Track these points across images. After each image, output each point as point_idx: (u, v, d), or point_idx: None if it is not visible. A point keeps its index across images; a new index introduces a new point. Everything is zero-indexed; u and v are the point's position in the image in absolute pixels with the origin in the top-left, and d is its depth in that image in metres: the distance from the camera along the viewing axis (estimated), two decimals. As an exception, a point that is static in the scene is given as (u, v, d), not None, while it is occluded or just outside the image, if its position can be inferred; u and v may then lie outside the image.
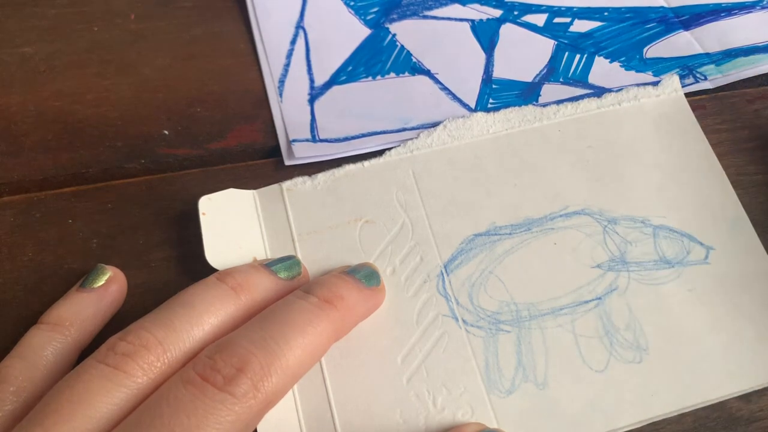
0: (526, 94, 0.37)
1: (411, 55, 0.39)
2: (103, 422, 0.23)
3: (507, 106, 0.36)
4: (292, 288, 0.28)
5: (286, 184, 0.33)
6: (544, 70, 0.38)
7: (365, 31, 0.40)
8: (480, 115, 0.35)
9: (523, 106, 0.36)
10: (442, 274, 0.31)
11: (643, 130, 0.35)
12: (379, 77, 0.38)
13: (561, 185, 0.33)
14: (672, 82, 0.36)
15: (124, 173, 0.35)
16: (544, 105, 0.36)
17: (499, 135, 0.35)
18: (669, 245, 0.32)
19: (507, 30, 0.39)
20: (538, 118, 0.35)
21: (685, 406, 0.28)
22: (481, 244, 0.32)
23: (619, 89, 0.36)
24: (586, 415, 0.28)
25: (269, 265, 0.29)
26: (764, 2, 0.40)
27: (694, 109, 0.36)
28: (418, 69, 0.38)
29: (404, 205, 0.33)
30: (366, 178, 0.34)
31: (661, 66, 0.37)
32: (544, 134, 0.35)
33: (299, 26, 0.40)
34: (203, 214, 0.31)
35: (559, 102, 0.36)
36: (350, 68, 0.38)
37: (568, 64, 0.38)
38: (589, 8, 0.40)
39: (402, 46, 0.39)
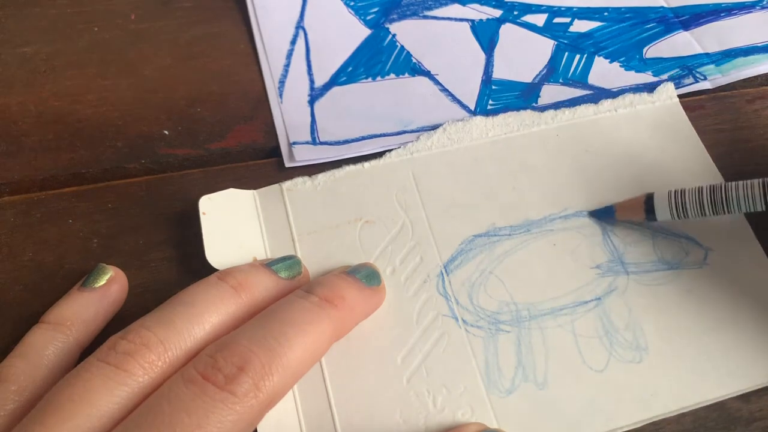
0: (525, 94, 0.37)
1: (411, 55, 0.39)
2: (104, 421, 0.23)
3: (507, 107, 0.36)
4: (293, 287, 0.28)
5: (286, 185, 0.33)
6: (544, 71, 0.38)
7: (365, 32, 0.40)
8: (479, 118, 0.35)
9: (521, 111, 0.36)
10: (442, 274, 0.31)
11: (640, 135, 0.35)
12: (379, 78, 0.38)
13: (560, 188, 0.33)
14: (667, 89, 0.36)
15: (124, 173, 0.35)
16: (542, 110, 0.36)
17: (497, 138, 0.35)
18: (668, 246, 0.32)
19: (507, 30, 0.40)
20: (536, 123, 0.35)
21: (685, 406, 0.28)
22: (481, 244, 0.32)
23: (616, 94, 0.36)
24: (586, 415, 0.28)
25: (270, 265, 0.29)
26: (764, 2, 0.40)
27: (693, 109, 0.36)
28: (417, 70, 0.38)
29: (404, 206, 0.33)
30: (366, 178, 0.34)
31: (660, 66, 0.38)
32: (542, 138, 0.35)
33: (299, 26, 0.40)
34: (203, 214, 0.31)
35: (556, 107, 0.36)
36: (350, 69, 0.38)
37: (568, 65, 0.38)
38: (588, 8, 0.40)
39: (402, 46, 0.39)
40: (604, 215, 0.32)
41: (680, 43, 0.39)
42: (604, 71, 0.38)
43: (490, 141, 0.35)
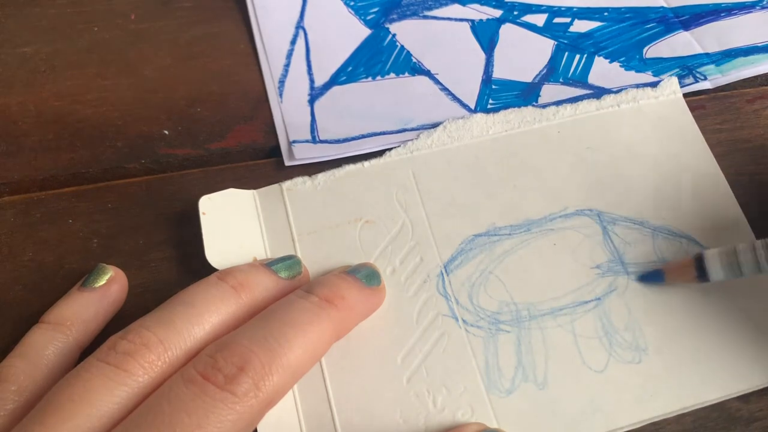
0: (525, 94, 0.37)
1: (411, 55, 0.39)
2: (104, 421, 0.23)
3: (507, 106, 0.36)
4: (293, 287, 0.28)
5: (286, 184, 0.33)
6: (544, 71, 0.38)
7: (365, 31, 0.40)
8: (479, 116, 0.35)
9: (522, 108, 0.36)
10: (442, 274, 0.31)
11: (642, 131, 0.35)
12: (379, 78, 0.38)
13: (560, 186, 0.33)
14: (671, 84, 0.36)
15: (124, 173, 0.35)
16: (544, 106, 0.36)
17: (498, 136, 0.35)
18: (668, 246, 0.32)
19: (507, 30, 0.40)
20: (537, 120, 0.35)
21: (685, 407, 0.28)
22: (481, 244, 0.32)
23: (618, 91, 0.36)
24: (586, 415, 0.28)
25: (270, 265, 0.29)
26: (764, 2, 0.40)
27: (693, 109, 0.36)
28: (418, 69, 0.38)
29: (404, 205, 0.33)
30: (366, 178, 0.34)
31: (660, 66, 0.38)
32: (543, 135, 0.35)
33: (299, 26, 0.40)
34: (203, 214, 0.31)
35: (558, 103, 0.36)
36: (350, 68, 0.38)
37: (568, 65, 0.38)
38: (589, 8, 0.40)
39: (402, 46, 0.39)
40: (653, 279, 0.31)
41: (680, 43, 0.39)
42: (604, 71, 0.38)
43: (490, 138, 0.35)
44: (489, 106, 0.36)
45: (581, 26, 0.40)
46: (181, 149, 0.35)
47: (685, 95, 0.36)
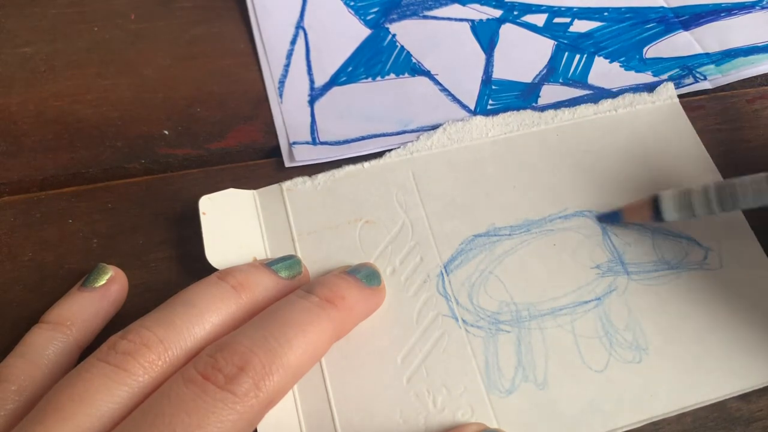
0: (525, 94, 0.37)
1: (411, 55, 0.39)
2: (105, 420, 0.23)
3: (506, 107, 0.36)
4: (293, 287, 0.28)
5: (286, 184, 0.33)
6: (544, 71, 0.38)
7: (365, 32, 0.40)
8: (479, 118, 0.35)
9: (521, 111, 0.36)
10: (442, 274, 0.31)
11: (639, 135, 0.35)
12: (379, 78, 0.38)
13: (560, 187, 0.33)
14: (667, 89, 0.36)
15: (124, 173, 0.35)
16: (542, 109, 0.36)
17: (497, 138, 0.35)
18: (668, 246, 0.32)
19: (507, 30, 0.40)
20: (536, 123, 0.35)
21: (685, 406, 0.28)
22: (481, 244, 0.32)
23: (616, 95, 0.36)
24: (586, 415, 0.28)
25: (270, 265, 0.29)
26: (764, 2, 0.40)
27: (693, 109, 0.36)
28: (417, 70, 0.38)
29: (404, 206, 0.33)
30: (366, 178, 0.34)
31: (660, 66, 0.38)
32: (542, 138, 0.35)
33: (299, 26, 0.40)
34: (203, 213, 0.31)
35: (556, 107, 0.36)
36: (350, 69, 0.38)
37: (568, 65, 0.38)
38: (588, 8, 0.40)
39: (402, 46, 0.39)
40: (612, 219, 0.32)
41: (680, 43, 0.39)
42: (604, 71, 0.38)
43: (490, 141, 0.35)
44: (489, 107, 0.36)
45: (581, 26, 0.40)
46: (181, 149, 0.35)
47: (685, 95, 0.36)
